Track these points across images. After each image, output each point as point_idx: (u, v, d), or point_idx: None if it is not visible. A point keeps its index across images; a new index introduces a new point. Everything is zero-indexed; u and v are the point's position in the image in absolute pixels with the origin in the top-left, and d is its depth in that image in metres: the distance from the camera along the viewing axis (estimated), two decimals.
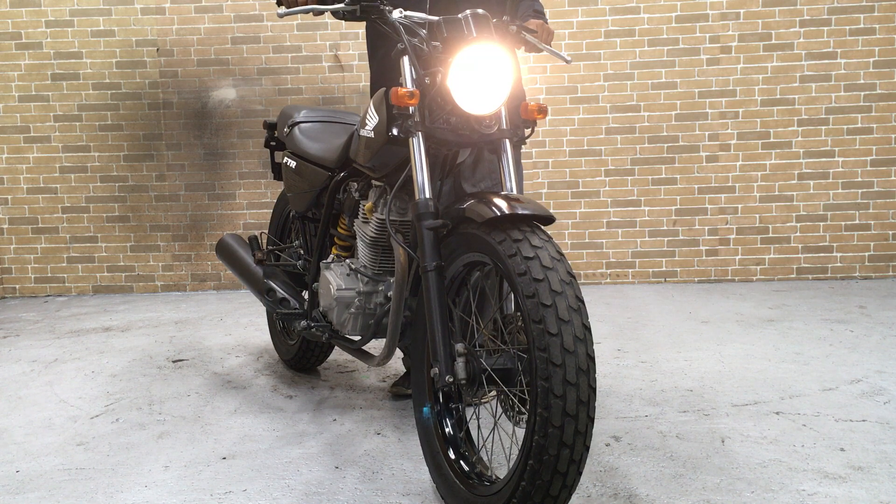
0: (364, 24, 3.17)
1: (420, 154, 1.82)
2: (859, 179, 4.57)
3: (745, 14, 4.51)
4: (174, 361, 3.20)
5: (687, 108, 4.58)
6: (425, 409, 1.90)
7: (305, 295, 2.60)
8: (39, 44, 4.71)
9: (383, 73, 2.52)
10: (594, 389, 1.48)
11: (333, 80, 4.70)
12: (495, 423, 1.84)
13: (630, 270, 4.70)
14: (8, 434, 2.40)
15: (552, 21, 4.57)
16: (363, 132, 2.07)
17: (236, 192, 4.79)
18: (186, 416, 2.52)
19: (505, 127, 1.91)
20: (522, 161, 4.65)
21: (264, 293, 2.64)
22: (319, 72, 4.69)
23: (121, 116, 4.75)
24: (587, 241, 4.70)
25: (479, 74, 1.74)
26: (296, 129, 2.66)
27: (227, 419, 2.48)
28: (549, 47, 2.02)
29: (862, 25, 4.47)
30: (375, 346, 3.22)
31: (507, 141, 1.91)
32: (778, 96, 4.54)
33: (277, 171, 2.88)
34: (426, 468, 2.02)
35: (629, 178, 4.64)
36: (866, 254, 4.61)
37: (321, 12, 2.00)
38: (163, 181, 4.79)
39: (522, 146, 2.09)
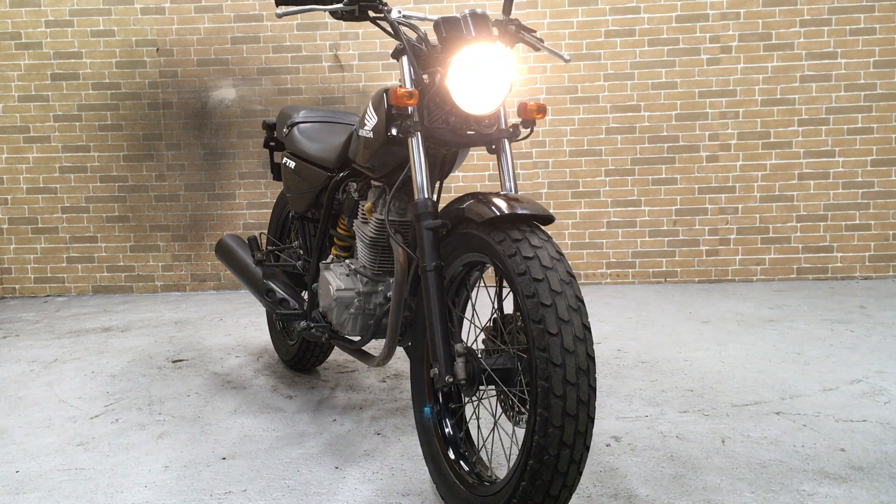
0: (363, 24, 3.17)
1: (419, 154, 1.81)
2: (859, 179, 4.56)
3: (745, 14, 4.51)
4: (174, 361, 3.19)
5: (687, 108, 4.58)
6: (426, 409, 1.90)
7: (305, 295, 2.60)
8: (39, 44, 4.71)
9: None
10: (594, 389, 1.48)
11: (333, 80, 4.70)
12: (495, 423, 1.84)
13: (630, 270, 4.70)
14: (8, 434, 2.40)
15: (552, 21, 4.57)
16: (362, 132, 2.06)
17: (236, 192, 4.79)
18: (186, 416, 2.52)
19: (504, 126, 1.90)
20: (523, 161, 4.65)
21: (264, 294, 2.64)
22: (319, 72, 4.69)
23: (121, 116, 4.75)
24: (587, 241, 4.69)
25: (479, 74, 1.73)
26: (295, 130, 2.66)
27: (227, 419, 2.48)
28: (548, 46, 2.02)
29: (862, 25, 4.47)
30: (375, 346, 3.22)
31: (507, 141, 1.91)
32: (778, 96, 4.54)
33: (277, 171, 2.88)
34: (426, 468, 2.01)
35: (629, 178, 4.64)
36: (867, 254, 4.60)
37: (320, 11, 2.00)
38: (163, 181, 4.79)
39: (522, 146, 2.08)
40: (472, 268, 1.87)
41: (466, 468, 1.83)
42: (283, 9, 1.94)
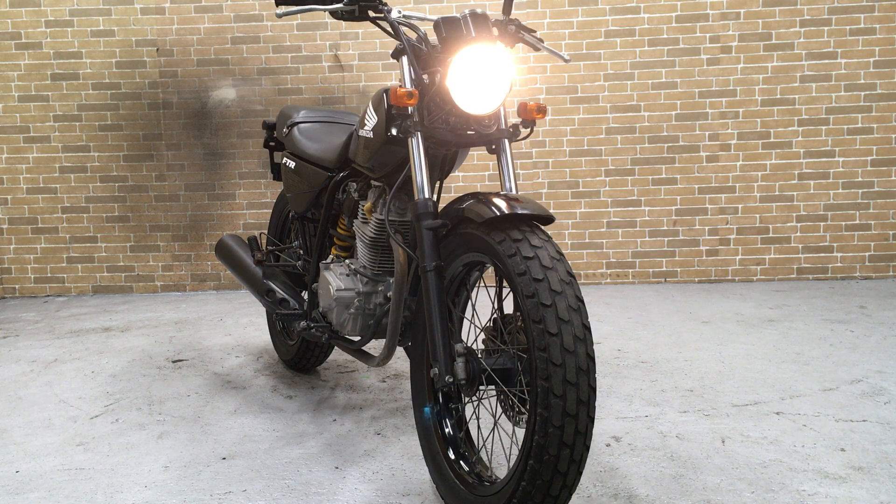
0: (363, 24, 3.17)
1: (419, 154, 1.81)
2: (859, 179, 4.56)
3: (745, 14, 4.51)
4: (174, 361, 3.19)
5: (687, 108, 4.58)
6: (426, 409, 1.90)
7: (305, 295, 2.60)
8: (39, 44, 4.71)
9: None
10: (594, 389, 1.48)
11: (333, 80, 4.70)
12: (495, 423, 1.84)
13: (630, 270, 4.70)
14: (8, 434, 2.40)
15: (552, 21, 4.57)
16: (362, 132, 2.07)
17: (236, 192, 4.79)
18: (186, 416, 2.52)
19: (504, 126, 1.90)
20: (523, 161, 4.65)
21: (264, 294, 2.64)
22: (319, 72, 4.69)
23: (121, 116, 4.75)
24: (587, 241, 4.69)
25: (479, 74, 1.73)
26: (295, 130, 2.66)
27: (227, 419, 2.48)
28: (548, 46, 2.02)
29: (862, 25, 4.47)
30: (375, 346, 3.22)
31: (507, 141, 1.91)
32: (778, 96, 4.54)
33: (277, 171, 2.88)
34: (426, 468, 2.01)
35: (629, 178, 4.64)
36: (867, 254, 4.60)
37: (320, 11, 2.00)
38: (163, 181, 4.79)
39: (522, 146, 2.08)
40: (472, 268, 1.87)
41: (466, 468, 1.83)
42: (283, 9, 1.94)
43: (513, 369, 1.65)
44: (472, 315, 1.91)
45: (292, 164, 2.62)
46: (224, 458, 2.16)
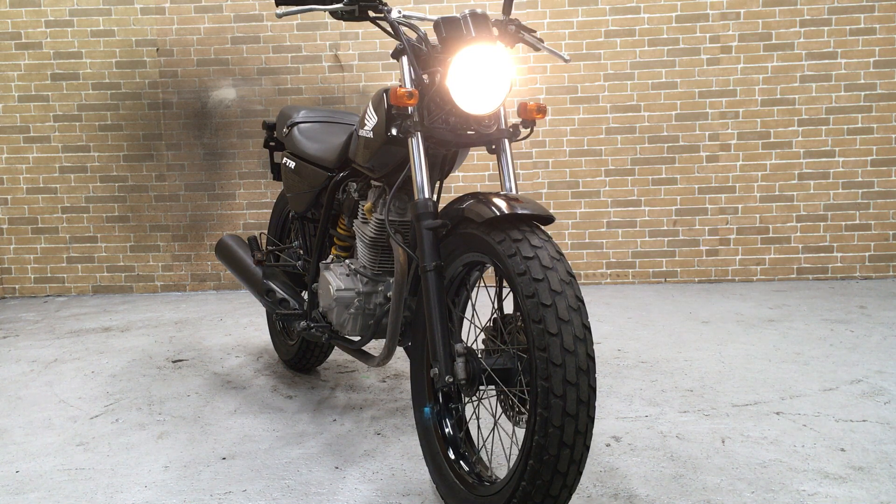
0: (363, 24, 3.17)
1: (419, 154, 1.82)
2: (859, 179, 4.57)
3: (745, 14, 4.51)
4: (174, 361, 3.19)
5: (687, 108, 4.58)
6: (426, 409, 1.90)
7: (305, 295, 2.60)
8: (39, 44, 4.71)
9: None
10: (594, 389, 1.48)
11: (333, 80, 4.70)
12: (495, 423, 1.84)
13: (630, 270, 4.70)
14: (8, 434, 2.40)
15: (552, 21, 4.57)
16: (362, 132, 2.07)
17: (236, 192, 4.79)
18: (186, 416, 2.52)
19: (504, 126, 1.90)
20: (523, 161, 4.65)
21: (264, 294, 2.64)
22: (319, 72, 4.69)
23: (121, 116, 4.75)
24: (587, 241, 4.69)
25: (479, 74, 1.73)
26: (295, 130, 2.66)
27: (227, 419, 2.48)
28: (548, 46, 2.02)
29: (862, 25, 4.47)
30: (375, 346, 3.22)
31: (507, 141, 1.91)
32: (778, 96, 4.54)
33: (277, 171, 2.88)
34: (426, 468, 2.01)
35: (629, 178, 4.64)
36: (867, 254, 4.60)
37: (320, 11, 2.00)
38: (163, 181, 4.79)
39: (522, 146, 2.08)
40: (472, 268, 1.87)
41: (466, 468, 1.83)
42: (283, 9, 1.94)
43: (513, 369, 1.65)
44: (472, 315, 1.91)
45: (292, 164, 2.62)
46: (224, 458, 2.16)
